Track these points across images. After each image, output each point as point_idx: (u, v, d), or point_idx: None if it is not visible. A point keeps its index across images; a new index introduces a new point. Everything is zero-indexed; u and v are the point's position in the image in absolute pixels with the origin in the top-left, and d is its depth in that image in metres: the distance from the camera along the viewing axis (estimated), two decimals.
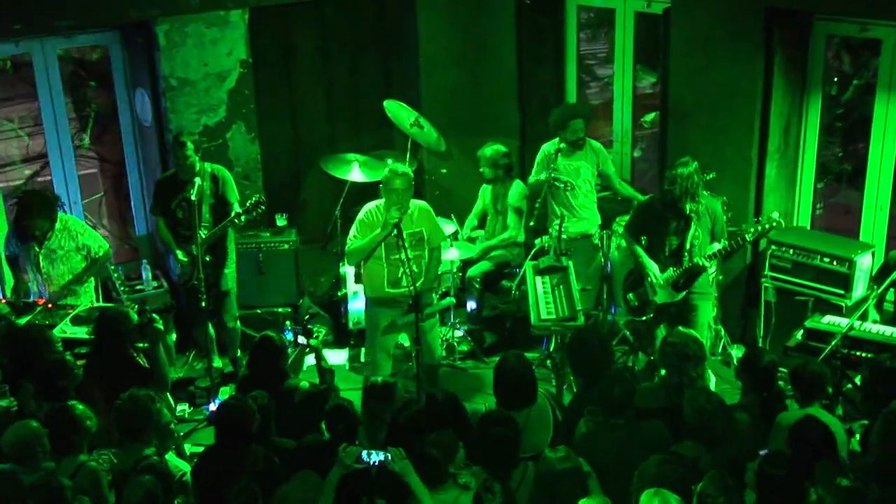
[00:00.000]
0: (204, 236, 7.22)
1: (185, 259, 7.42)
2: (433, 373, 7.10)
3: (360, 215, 6.76)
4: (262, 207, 7.29)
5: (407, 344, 7.86)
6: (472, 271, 8.30)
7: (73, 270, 7.31)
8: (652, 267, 6.98)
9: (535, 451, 5.23)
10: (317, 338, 6.34)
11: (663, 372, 5.93)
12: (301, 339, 6.35)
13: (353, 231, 6.76)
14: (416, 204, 6.81)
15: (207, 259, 7.36)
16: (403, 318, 6.74)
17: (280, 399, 5.81)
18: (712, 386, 6.31)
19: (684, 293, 6.93)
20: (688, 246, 6.82)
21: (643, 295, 7.12)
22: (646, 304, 7.11)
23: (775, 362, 5.75)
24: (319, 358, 6.36)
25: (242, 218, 7.31)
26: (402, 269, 6.57)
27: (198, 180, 7.26)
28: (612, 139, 9.38)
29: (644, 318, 7.14)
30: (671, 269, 6.92)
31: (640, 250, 7.09)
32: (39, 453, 5.14)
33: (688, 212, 6.71)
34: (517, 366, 5.59)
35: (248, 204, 7.28)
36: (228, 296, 7.74)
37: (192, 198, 7.09)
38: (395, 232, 6.49)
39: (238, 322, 7.94)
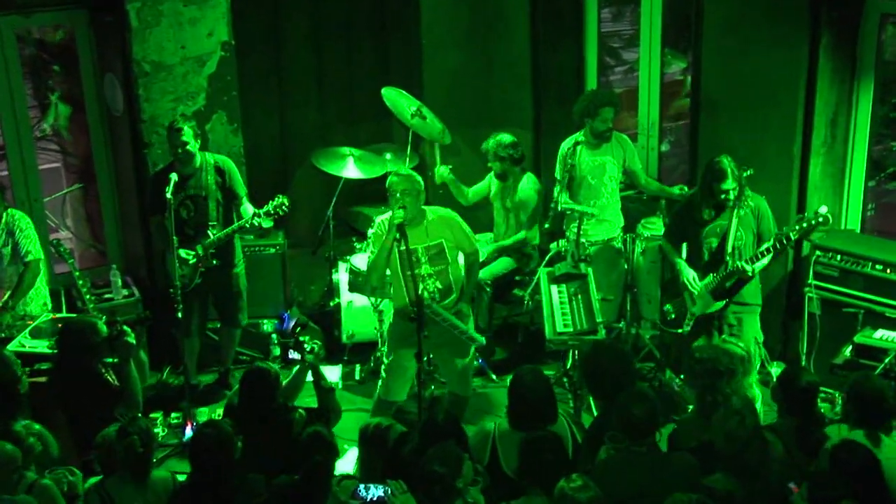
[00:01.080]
0: (214, 237, 7.38)
1: (193, 259, 7.47)
2: (460, 406, 7.06)
3: (372, 229, 6.82)
4: (286, 208, 7.32)
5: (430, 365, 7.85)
6: (483, 273, 8.23)
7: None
8: (688, 273, 6.99)
9: None
10: (312, 352, 6.28)
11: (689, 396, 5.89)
12: (293, 355, 6.27)
13: (367, 248, 6.77)
14: (434, 212, 6.81)
15: (215, 263, 7.49)
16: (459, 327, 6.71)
17: (277, 434, 5.80)
18: (758, 405, 6.25)
19: (724, 301, 6.91)
20: (729, 248, 6.80)
21: (681, 305, 7.11)
22: (683, 315, 7.09)
23: (815, 383, 5.70)
24: (317, 376, 6.31)
25: (264, 221, 7.37)
26: (421, 286, 6.56)
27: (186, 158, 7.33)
28: (637, 131, 9.37)
29: (679, 330, 7.11)
30: (711, 275, 6.91)
31: (678, 258, 7.11)
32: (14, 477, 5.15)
33: (738, 205, 6.71)
34: (534, 382, 5.59)
35: (270, 206, 7.31)
36: (241, 297, 7.84)
37: (202, 192, 7.34)
38: (398, 236, 6.45)
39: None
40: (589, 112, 7.97)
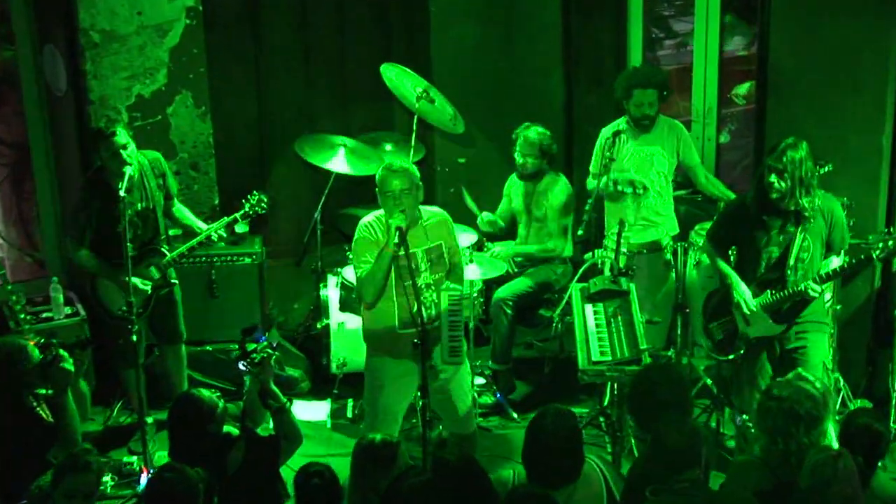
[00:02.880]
0: (172, 255, 7.57)
1: (158, 275, 7.62)
2: (469, 446, 7.02)
3: (357, 235, 6.73)
4: (264, 206, 7.45)
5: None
6: (502, 292, 8.27)
7: None
8: (742, 290, 6.94)
9: None
10: (259, 355, 6.11)
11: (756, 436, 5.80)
12: (242, 366, 6.22)
13: (355, 258, 6.71)
14: (431, 213, 6.80)
15: (174, 282, 7.72)
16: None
17: (219, 475, 5.77)
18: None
19: (785, 326, 6.88)
20: (792, 261, 6.76)
21: (730, 325, 7.06)
22: (734, 337, 7.05)
23: (875, 430, 5.68)
24: (265, 390, 6.14)
25: (240, 226, 7.65)
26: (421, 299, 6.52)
27: (128, 170, 7.27)
28: (692, 118, 9.36)
29: (731, 356, 7.08)
30: (769, 291, 6.87)
31: (725, 266, 7.06)
32: None
33: (800, 209, 6.65)
34: (557, 426, 5.47)
35: (247, 206, 7.42)
36: (179, 306, 7.96)
37: (150, 203, 7.47)
38: (398, 241, 6.40)
39: None
40: (624, 94, 8.03)
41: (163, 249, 7.57)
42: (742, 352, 7.02)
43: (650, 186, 8.05)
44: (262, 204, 7.44)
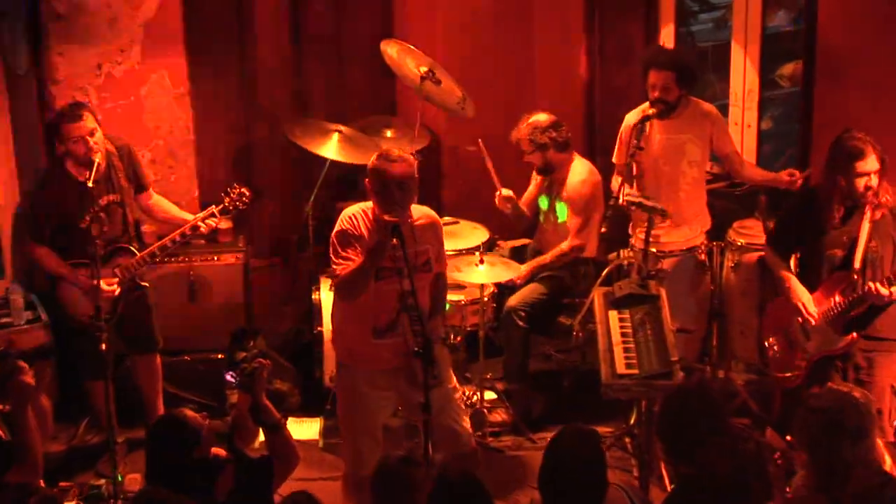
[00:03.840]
0: (142, 254, 7.57)
1: (117, 289, 7.60)
2: (471, 465, 6.93)
3: (338, 227, 6.71)
4: (246, 200, 7.51)
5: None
6: (513, 300, 8.28)
7: None
8: (803, 295, 6.97)
9: None
10: (253, 369, 6.07)
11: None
12: (231, 377, 6.18)
13: (334, 252, 6.67)
14: (420, 211, 6.81)
15: (144, 286, 7.77)
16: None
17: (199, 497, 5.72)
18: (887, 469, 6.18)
19: (851, 336, 6.87)
20: (858, 262, 6.77)
21: (788, 339, 7.06)
22: (792, 354, 7.06)
23: None
24: (257, 404, 6.08)
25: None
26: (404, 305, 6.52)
27: (97, 158, 7.34)
28: (729, 102, 9.35)
29: (789, 374, 7.09)
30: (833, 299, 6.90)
31: (785, 270, 7.10)
32: None
33: (872, 172, 6.71)
34: (579, 448, 5.47)
35: (226, 197, 7.46)
36: (152, 312, 8.01)
37: (117, 196, 7.50)
38: (396, 238, 6.39)
39: None
40: (643, 74, 8.07)
41: (131, 248, 7.55)
42: (803, 370, 7.03)
43: (680, 175, 8.04)
44: (244, 198, 7.46)
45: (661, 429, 6.07)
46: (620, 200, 7.62)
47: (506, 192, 8.48)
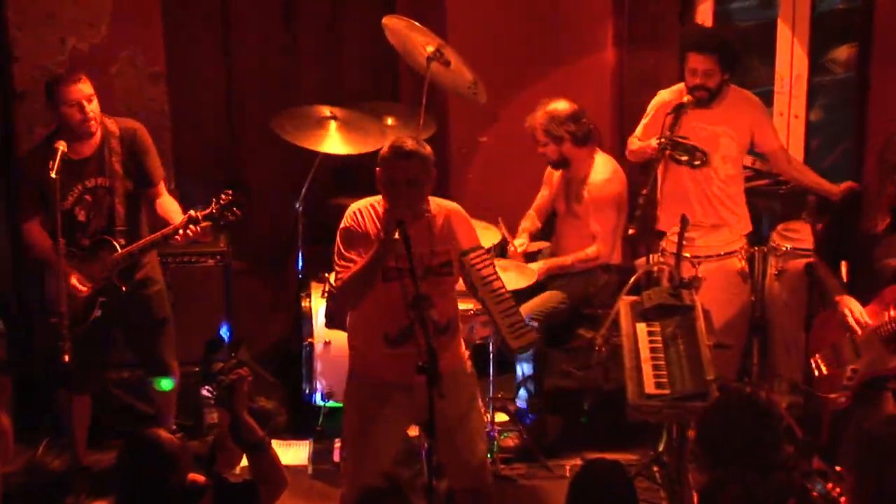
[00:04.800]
0: (122, 251, 7.41)
1: (85, 289, 7.53)
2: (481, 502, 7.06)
3: (342, 224, 6.73)
4: (237, 213, 7.39)
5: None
6: (529, 307, 8.22)
7: None
8: (854, 308, 6.97)
9: None
10: (228, 376, 6.03)
11: None
12: (207, 392, 6.17)
13: (337, 253, 6.68)
14: (440, 205, 6.77)
15: (124, 290, 7.54)
16: None
17: None
18: None
19: None
20: None
21: (839, 357, 7.03)
22: (841, 372, 7.06)
23: None
24: (238, 422, 5.98)
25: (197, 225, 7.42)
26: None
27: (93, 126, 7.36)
28: (774, 89, 9.37)
29: (835, 395, 7.08)
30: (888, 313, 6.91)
31: (835, 280, 7.14)
32: None
33: None
34: (609, 488, 5.45)
35: (215, 203, 7.35)
36: (169, 325, 7.90)
37: (106, 181, 7.38)
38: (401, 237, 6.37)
39: None
40: (680, 56, 8.13)
41: (115, 244, 7.43)
42: (851, 390, 7.02)
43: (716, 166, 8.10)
44: (235, 210, 7.32)
45: (702, 443, 6.05)
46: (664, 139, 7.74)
47: (519, 242, 8.53)
